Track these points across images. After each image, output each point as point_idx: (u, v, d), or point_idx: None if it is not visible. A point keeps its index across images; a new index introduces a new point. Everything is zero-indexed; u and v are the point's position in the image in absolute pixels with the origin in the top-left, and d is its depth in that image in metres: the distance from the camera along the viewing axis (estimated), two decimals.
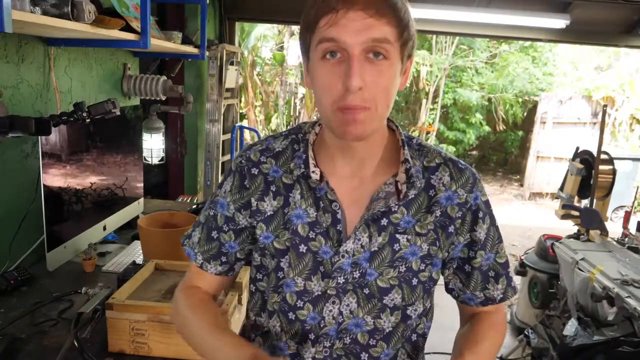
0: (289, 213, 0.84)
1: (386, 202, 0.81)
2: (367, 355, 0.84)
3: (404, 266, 0.82)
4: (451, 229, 0.84)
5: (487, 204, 0.87)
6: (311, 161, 0.83)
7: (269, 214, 0.85)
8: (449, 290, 0.92)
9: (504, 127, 10.08)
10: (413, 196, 0.82)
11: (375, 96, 0.72)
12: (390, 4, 0.71)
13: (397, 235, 0.82)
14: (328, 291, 0.82)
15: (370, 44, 0.70)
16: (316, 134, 0.86)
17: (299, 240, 0.83)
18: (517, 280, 3.69)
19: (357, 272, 0.82)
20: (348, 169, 0.84)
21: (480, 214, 0.85)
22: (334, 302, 0.82)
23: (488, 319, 0.90)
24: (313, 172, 0.82)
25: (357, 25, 0.69)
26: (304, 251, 0.83)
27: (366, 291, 0.82)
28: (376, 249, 0.81)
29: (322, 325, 0.83)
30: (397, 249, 0.82)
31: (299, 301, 0.84)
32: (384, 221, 0.82)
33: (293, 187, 0.84)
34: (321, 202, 0.82)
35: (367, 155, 0.83)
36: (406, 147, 0.84)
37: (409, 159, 0.83)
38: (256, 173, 0.86)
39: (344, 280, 0.82)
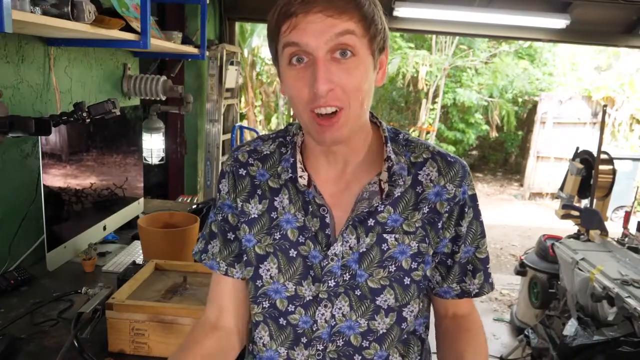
0: (278, 218, 0.83)
1: (370, 202, 0.80)
2: (360, 357, 0.83)
3: (393, 266, 0.81)
4: (439, 224, 0.82)
5: (473, 197, 0.85)
6: (299, 165, 0.82)
7: (253, 216, 0.84)
8: None
9: (497, 134, 10.08)
10: (399, 194, 0.81)
11: (347, 96, 0.71)
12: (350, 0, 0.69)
13: (385, 235, 0.81)
14: (320, 295, 0.81)
15: (334, 41, 0.69)
16: (303, 135, 0.85)
17: (288, 245, 0.82)
18: (517, 280, 3.69)
19: (347, 274, 0.81)
20: (334, 172, 0.83)
21: (466, 208, 0.84)
22: (325, 306, 0.82)
23: (465, 333, 0.88)
24: (301, 176, 0.82)
25: (317, 26, 0.68)
26: (294, 256, 0.82)
27: (357, 293, 0.81)
28: (364, 249, 0.80)
29: (314, 329, 0.82)
30: (385, 249, 0.81)
31: (290, 306, 0.83)
32: (371, 221, 0.81)
33: (280, 192, 0.83)
34: (310, 207, 0.81)
35: (350, 156, 0.82)
36: (389, 144, 0.82)
37: (392, 156, 0.81)
38: (244, 174, 0.86)
39: (334, 284, 0.81)
